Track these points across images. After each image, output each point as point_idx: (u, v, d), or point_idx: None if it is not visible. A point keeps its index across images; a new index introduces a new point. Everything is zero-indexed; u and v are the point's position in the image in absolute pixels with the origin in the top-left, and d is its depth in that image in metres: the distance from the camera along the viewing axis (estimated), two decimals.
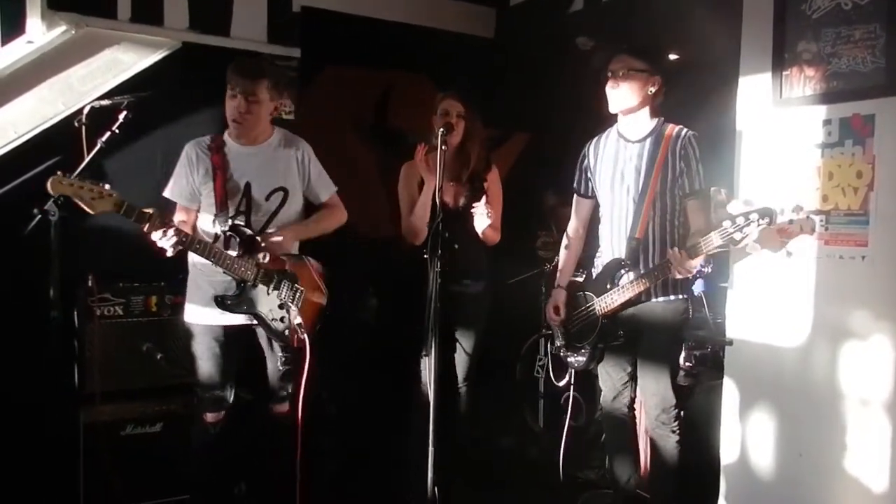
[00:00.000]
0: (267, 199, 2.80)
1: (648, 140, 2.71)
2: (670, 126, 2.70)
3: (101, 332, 3.05)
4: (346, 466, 3.55)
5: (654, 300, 2.71)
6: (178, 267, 3.07)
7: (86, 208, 2.40)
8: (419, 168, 3.08)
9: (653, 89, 2.68)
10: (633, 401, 2.94)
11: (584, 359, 2.89)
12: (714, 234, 2.39)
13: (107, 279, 3.11)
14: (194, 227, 2.81)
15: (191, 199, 2.79)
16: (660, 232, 2.69)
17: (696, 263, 2.54)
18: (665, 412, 2.75)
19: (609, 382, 2.94)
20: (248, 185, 2.77)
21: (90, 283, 3.05)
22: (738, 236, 2.32)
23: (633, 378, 2.88)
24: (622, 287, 2.69)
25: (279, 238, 2.74)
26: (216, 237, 2.73)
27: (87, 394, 3.00)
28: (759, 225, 2.29)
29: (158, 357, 3.09)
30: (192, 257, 2.75)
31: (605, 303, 2.76)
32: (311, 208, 3.01)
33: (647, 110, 2.72)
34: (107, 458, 2.93)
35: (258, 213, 2.79)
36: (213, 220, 2.74)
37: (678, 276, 2.56)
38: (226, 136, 2.82)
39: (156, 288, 3.17)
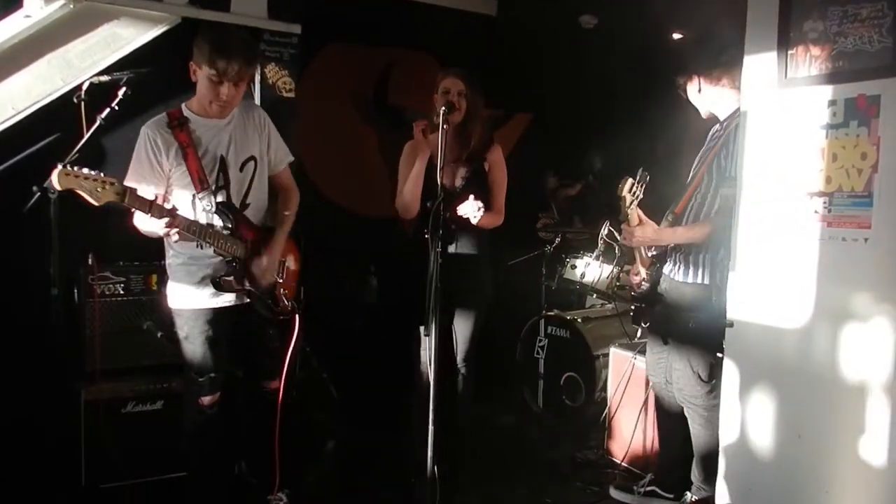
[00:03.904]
0: (241, 169, 2.73)
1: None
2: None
3: (102, 310, 3.06)
4: (346, 447, 3.57)
5: (679, 279, 2.88)
6: None
7: (91, 200, 2.31)
8: (416, 139, 3.04)
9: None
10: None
11: None
12: None
13: (107, 257, 3.11)
14: None
15: (157, 185, 2.60)
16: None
17: (627, 230, 2.81)
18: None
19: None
20: (222, 159, 2.68)
21: (90, 262, 3.05)
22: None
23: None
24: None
25: (270, 263, 2.73)
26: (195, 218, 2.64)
27: (88, 371, 3.00)
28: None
29: (159, 335, 3.09)
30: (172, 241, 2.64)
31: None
32: None
33: None
34: (107, 435, 2.94)
35: (236, 186, 2.71)
36: (193, 200, 2.64)
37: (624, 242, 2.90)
38: (186, 112, 2.67)
39: (156, 266, 3.14)
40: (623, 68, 4.48)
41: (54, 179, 2.26)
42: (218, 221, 2.65)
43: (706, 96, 2.90)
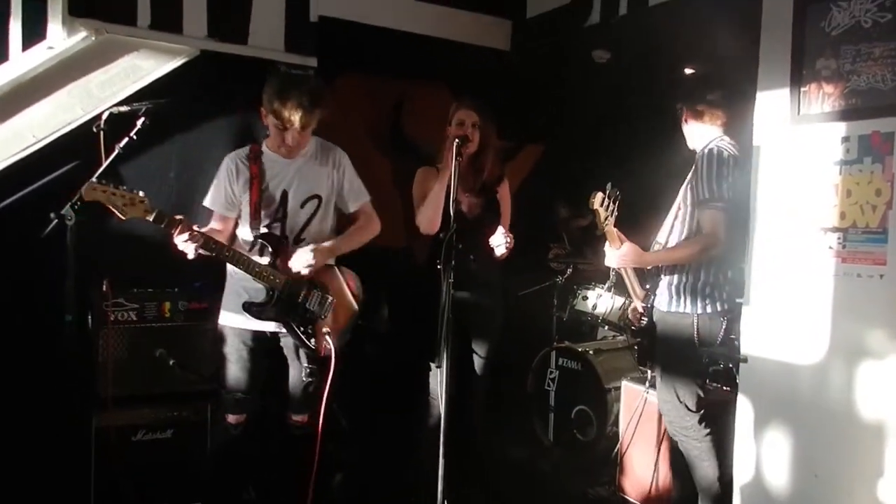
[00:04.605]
0: (302, 206, 2.85)
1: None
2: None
3: (115, 337, 3.06)
4: (355, 477, 3.54)
5: (664, 309, 2.86)
6: (193, 274, 3.10)
7: (117, 214, 2.45)
8: (446, 153, 3.04)
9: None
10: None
11: None
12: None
13: (121, 284, 3.12)
14: (233, 236, 2.86)
15: (228, 209, 2.83)
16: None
17: (609, 251, 2.88)
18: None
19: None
20: (284, 193, 2.82)
21: (105, 288, 3.06)
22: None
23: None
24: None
25: (311, 259, 2.74)
26: (252, 245, 2.79)
27: (100, 398, 3.00)
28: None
29: (171, 363, 3.09)
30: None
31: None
32: (343, 217, 3.03)
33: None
34: (117, 463, 2.94)
35: (293, 221, 2.83)
36: (250, 228, 2.80)
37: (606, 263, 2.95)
38: (263, 147, 2.86)
39: (169, 294, 3.19)
40: (635, 100, 4.50)
41: (83, 192, 2.39)
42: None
43: (690, 129, 2.99)
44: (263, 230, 2.78)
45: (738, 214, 2.75)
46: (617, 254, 2.88)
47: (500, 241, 2.96)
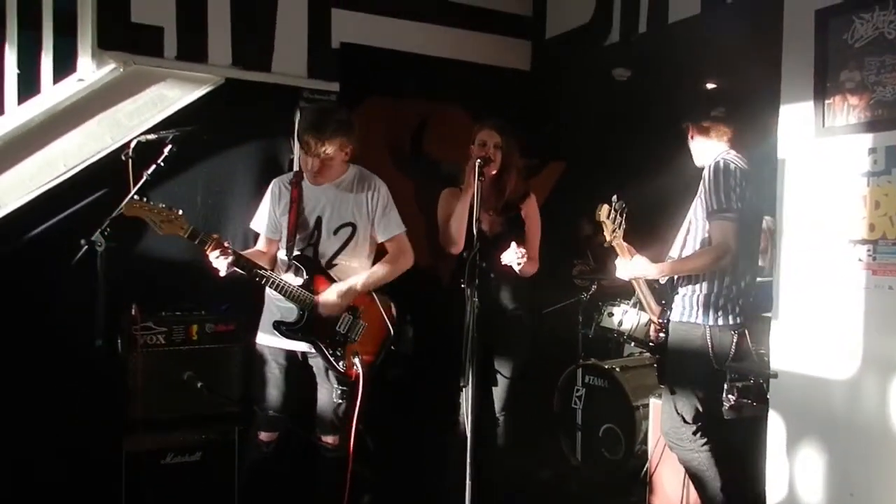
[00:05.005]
0: (335, 233, 2.89)
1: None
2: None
3: (144, 361, 3.09)
4: (382, 498, 3.52)
5: (676, 320, 2.87)
6: (219, 297, 3.14)
7: (155, 229, 2.57)
8: (467, 175, 3.07)
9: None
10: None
11: None
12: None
13: (150, 308, 3.17)
14: (274, 257, 2.93)
15: (273, 231, 2.93)
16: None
17: (620, 263, 2.91)
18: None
19: None
20: (318, 219, 2.89)
21: (134, 312, 3.10)
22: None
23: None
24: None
25: (336, 299, 2.79)
26: (288, 266, 2.85)
27: (130, 422, 3.03)
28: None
29: (199, 385, 3.11)
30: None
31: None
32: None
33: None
34: (148, 486, 2.96)
35: (326, 247, 2.88)
36: (286, 250, 2.86)
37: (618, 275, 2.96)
38: (304, 173, 2.95)
39: (197, 317, 3.23)
40: (657, 116, 4.50)
41: (124, 208, 2.51)
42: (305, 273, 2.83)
43: (696, 145, 3.00)
44: (295, 252, 2.84)
45: (749, 226, 2.74)
46: (629, 265, 2.89)
47: (511, 258, 2.95)
